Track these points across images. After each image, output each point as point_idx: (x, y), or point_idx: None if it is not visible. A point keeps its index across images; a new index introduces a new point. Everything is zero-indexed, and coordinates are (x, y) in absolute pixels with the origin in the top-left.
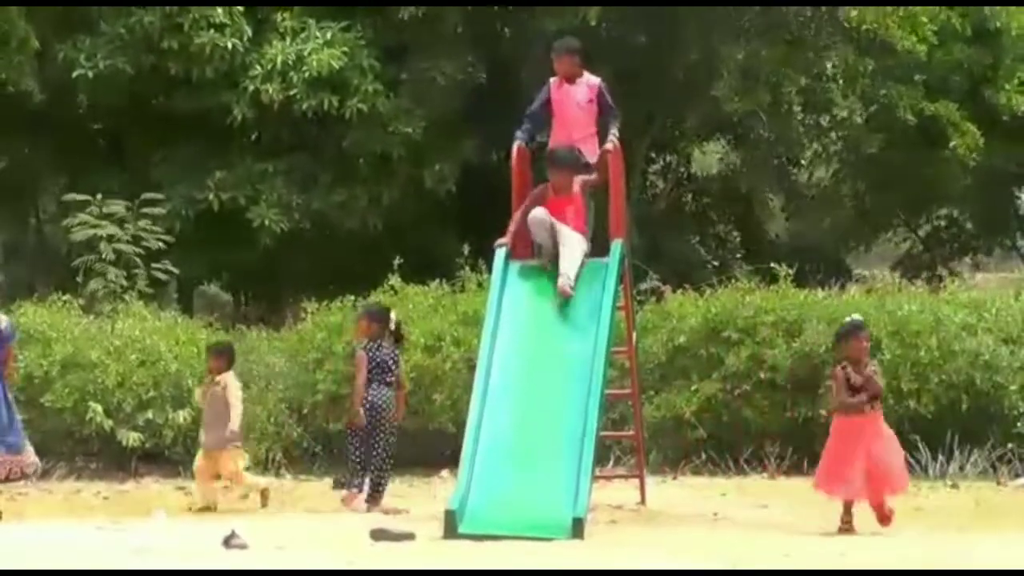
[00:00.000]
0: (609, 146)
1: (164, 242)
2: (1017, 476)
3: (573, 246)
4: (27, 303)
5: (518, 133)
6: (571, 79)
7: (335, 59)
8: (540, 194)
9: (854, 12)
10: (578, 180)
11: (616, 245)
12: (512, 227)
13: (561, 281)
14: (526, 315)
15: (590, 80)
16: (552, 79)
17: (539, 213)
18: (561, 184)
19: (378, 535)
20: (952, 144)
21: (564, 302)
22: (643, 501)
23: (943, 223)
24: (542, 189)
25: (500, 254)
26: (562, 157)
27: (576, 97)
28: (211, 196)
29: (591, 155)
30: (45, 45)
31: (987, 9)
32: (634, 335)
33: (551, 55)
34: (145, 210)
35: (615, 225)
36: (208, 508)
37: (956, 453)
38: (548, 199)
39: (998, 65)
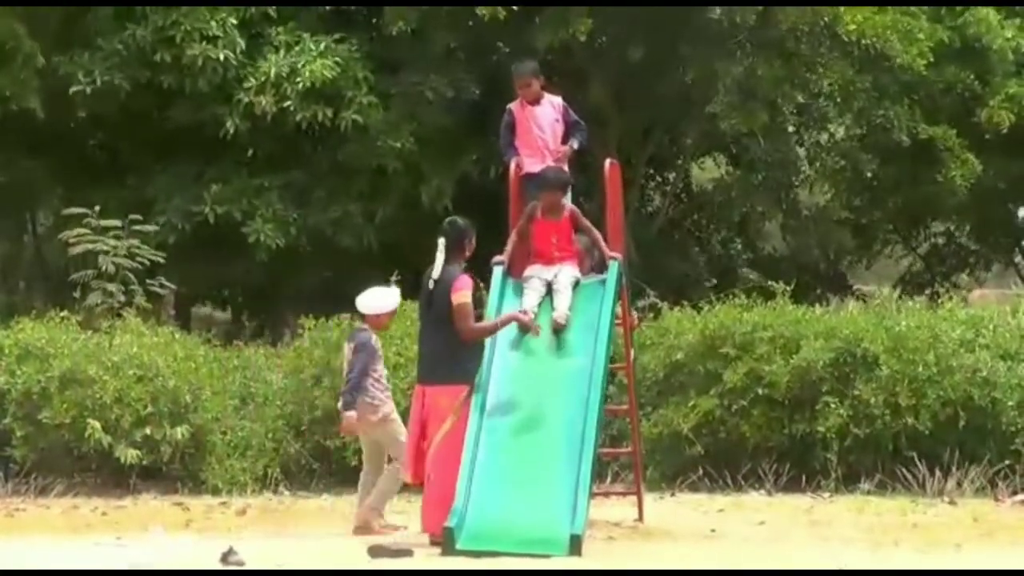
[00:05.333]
0: (566, 148)
1: (159, 258)
2: (1015, 493)
3: (566, 287)
4: (25, 319)
5: (506, 155)
6: (535, 101)
7: (328, 69)
8: (530, 215)
9: (853, 25)
10: (567, 208)
11: (613, 263)
12: (509, 245)
13: (555, 315)
14: (524, 332)
15: (553, 100)
16: (512, 104)
17: (536, 282)
18: (551, 205)
19: (376, 552)
20: (952, 174)
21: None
22: (641, 518)
23: (941, 240)
24: (531, 209)
25: (498, 271)
26: (552, 178)
27: (542, 118)
28: (207, 209)
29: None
30: (43, 60)
31: (973, 26)
32: (631, 351)
33: (514, 79)
34: (136, 227)
35: (612, 242)
36: None
37: (954, 469)
38: (536, 221)
39: (988, 82)
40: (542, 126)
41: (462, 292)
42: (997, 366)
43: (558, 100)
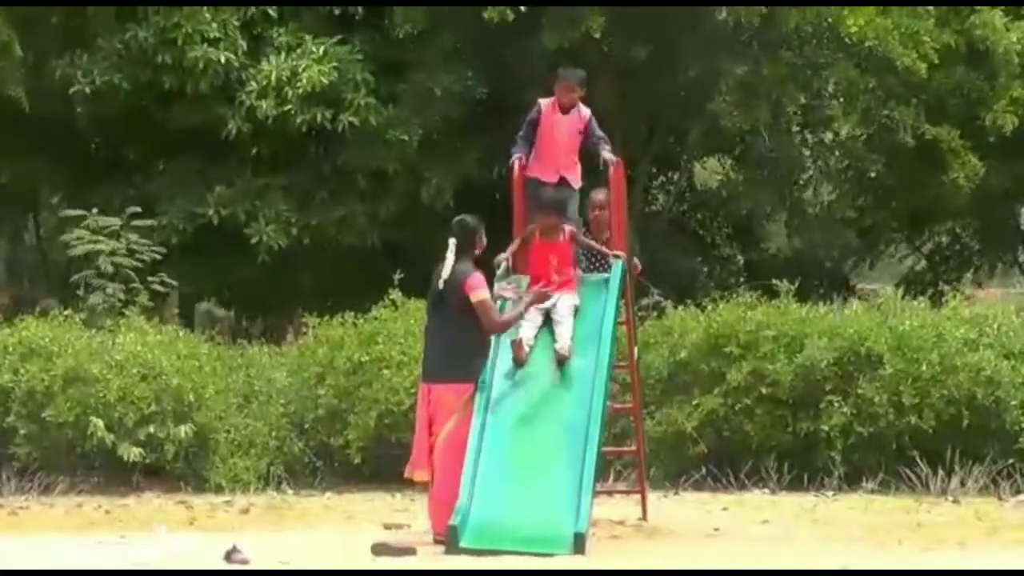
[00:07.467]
0: (610, 157)
1: (162, 255)
2: (1019, 492)
3: (566, 316)
4: (29, 317)
5: (515, 149)
6: (566, 109)
7: (324, 75)
8: (529, 235)
9: (855, 28)
10: (567, 230)
11: (617, 261)
12: (512, 247)
13: (558, 347)
14: (518, 365)
15: (581, 111)
16: (543, 101)
17: (532, 312)
18: (549, 227)
19: (379, 550)
20: (954, 175)
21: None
22: (644, 516)
23: (945, 240)
24: (529, 232)
25: (501, 270)
26: (548, 201)
27: (566, 127)
28: (211, 211)
29: (575, 181)
30: (43, 60)
31: (979, 29)
32: (635, 350)
33: (557, 81)
34: (136, 223)
35: (616, 240)
36: None
37: (957, 468)
38: (535, 241)
39: (993, 85)
40: (562, 135)
41: (479, 290)
42: (1001, 365)
43: (587, 112)
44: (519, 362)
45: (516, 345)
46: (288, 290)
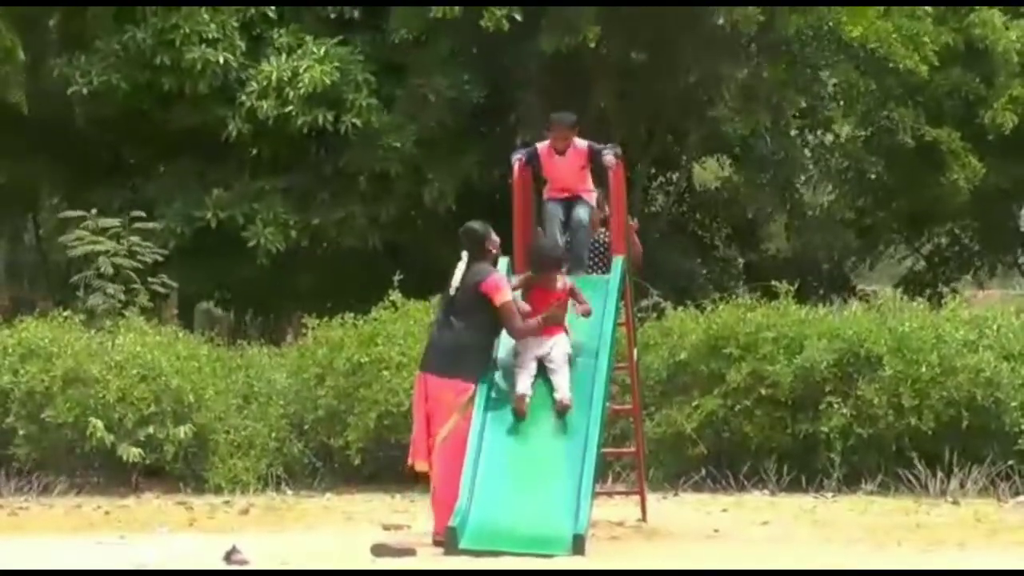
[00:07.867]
0: (611, 160)
1: (161, 257)
2: (1018, 493)
3: (561, 364)
4: (28, 318)
5: (516, 153)
6: (561, 151)
7: (327, 75)
8: (530, 282)
9: (856, 33)
10: (562, 279)
11: (617, 262)
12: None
13: (559, 397)
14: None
15: (578, 146)
16: (540, 145)
17: (527, 359)
18: (545, 281)
19: (379, 551)
20: (954, 176)
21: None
22: (644, 518)
23: (944, 241)
24: (531, 281)
25: (502, 268)
26: (540, 259)
27: (566, 168)
28: (209, 215)
29: (589, 198)
30: (41, 61)
31: (978, 28)
32: (635, 351)
33: (549, 128)
34: (137, 225)
35: (616, 241)
36: None
37: (956, 470)
38: (535, 288)
39: (992, 84)
40: (565, 174)
41: (503, 292)
42: (1000, 366)
43: (583, 145)
44: (520, 415)
45: (518, 399)
46: (288, 291)
